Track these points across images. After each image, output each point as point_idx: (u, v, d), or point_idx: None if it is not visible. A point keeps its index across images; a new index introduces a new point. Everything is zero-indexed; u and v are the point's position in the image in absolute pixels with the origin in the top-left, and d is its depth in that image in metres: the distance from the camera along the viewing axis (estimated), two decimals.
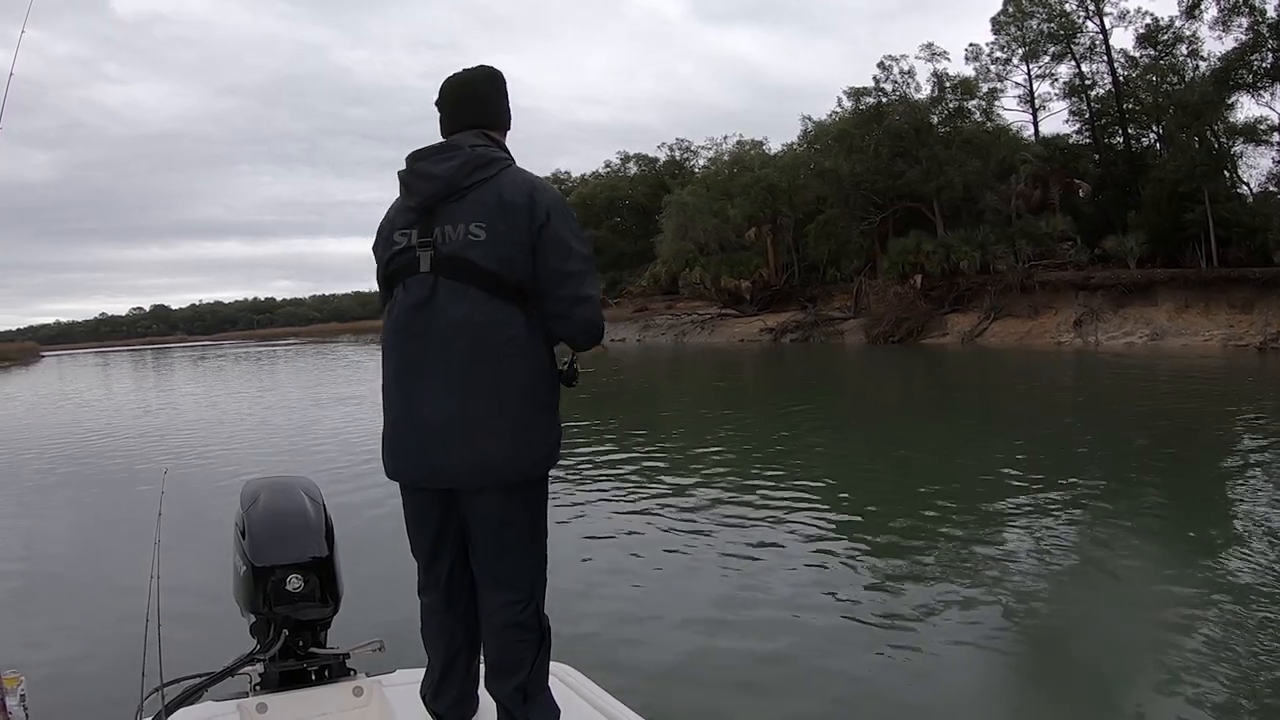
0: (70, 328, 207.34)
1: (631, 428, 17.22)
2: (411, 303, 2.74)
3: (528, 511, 2.78)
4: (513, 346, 2.68)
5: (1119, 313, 35.41)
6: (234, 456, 15.69)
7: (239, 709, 3.06)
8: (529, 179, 2.78)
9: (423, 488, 2.81)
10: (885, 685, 5.51)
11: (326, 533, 3.36)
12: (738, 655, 6.01)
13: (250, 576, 3.21)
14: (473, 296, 2.67)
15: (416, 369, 2.74)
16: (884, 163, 46.16)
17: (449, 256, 2.69)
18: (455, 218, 2.70)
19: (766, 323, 50.43)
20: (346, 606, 3.35)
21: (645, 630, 6.53)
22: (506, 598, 2.75)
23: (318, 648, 3.26)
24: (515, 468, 2.69)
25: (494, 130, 2.90)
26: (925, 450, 13.57)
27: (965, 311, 40.98)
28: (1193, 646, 5.62)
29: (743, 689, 5.53)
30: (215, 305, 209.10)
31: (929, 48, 46.19)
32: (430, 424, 2.70)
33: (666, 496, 10.81)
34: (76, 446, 18.74)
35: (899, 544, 8.40)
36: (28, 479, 15.08)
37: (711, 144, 67.57)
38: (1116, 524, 8.75)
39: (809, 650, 6.02)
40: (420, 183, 2.77)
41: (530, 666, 2.74)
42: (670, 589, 7.52)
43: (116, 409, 24.59)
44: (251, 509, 3.35)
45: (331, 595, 3.28)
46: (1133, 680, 5.38)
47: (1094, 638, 6.05)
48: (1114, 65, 44.36)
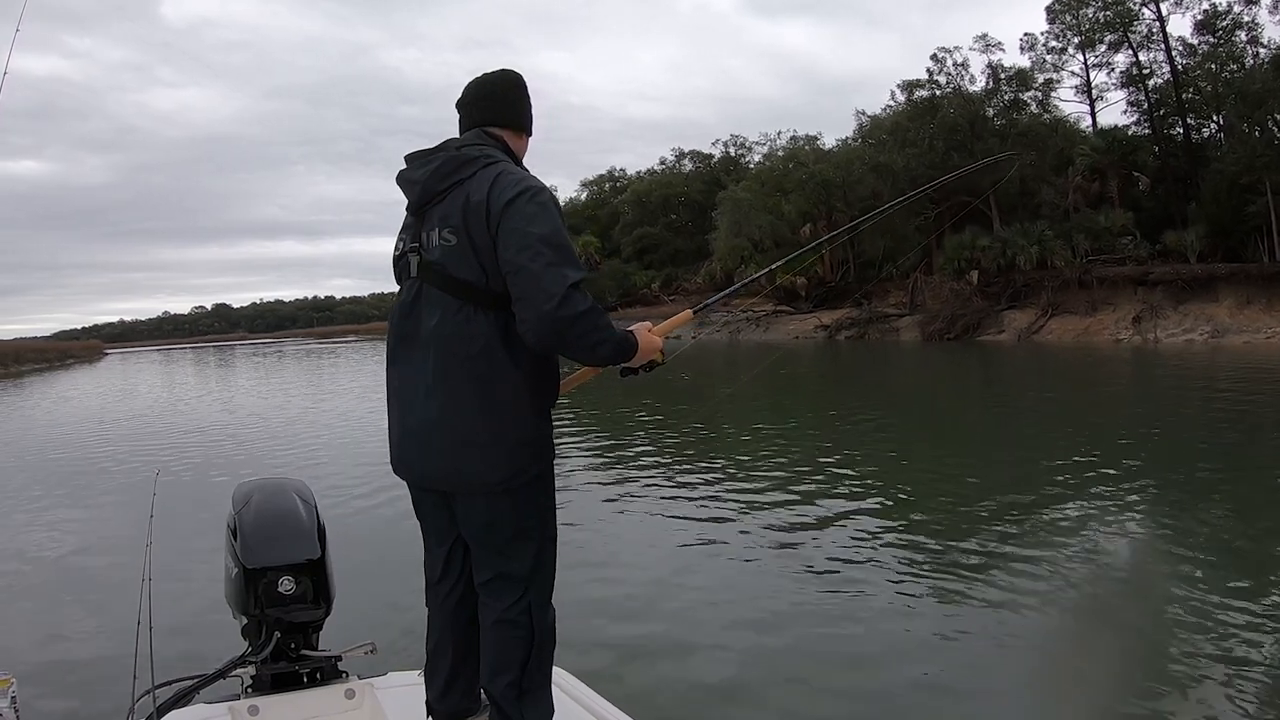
0: (134, 326, 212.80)
1: (680, 425, 16.68)
2: (404, 308, 2.75)
3: (515, 514, 2.70)
4: (484, 358, 2.58)
5: (1179, 309, 34.93)
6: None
7: (230, 711, 3.04)
8: (499, 172, 2.62)
9: (420, 486, 2.82)
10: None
11: (318, 534, 3.34)
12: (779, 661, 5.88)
13: (242, 578, 3.19)
14: (446, 305, 2.62)
15: (404, 373, 2.74)
16: (939, 157, 45.77)
17: (429, 263, 2.66)
18: (433, 223, 2.67)
19: (822, 320, 50.35)
20: (339, 608, 3.34)
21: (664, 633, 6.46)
22: (495, 595, 2.74)
23: (310, 650, 3.24)
24: (493, 476, 2.63)
25: (500, 129, 2.82)
26: (984, 453, 13.34)
27: (1022, 308, 40.62)
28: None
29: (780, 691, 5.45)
30: (276, 304, 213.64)
31: (983, 38, 46.04)
32: (413, 429, 2.71)
33: (713, 500, 10.67)
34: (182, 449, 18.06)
35: (956, 548, 8.07)
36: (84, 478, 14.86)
37: (765, 140, 67.61)
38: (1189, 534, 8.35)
39: (866, 656, 5.90)
40: (405, 188, 2.77)
41: (522, 665, 2.71)
42: (717, 587, 7.46)
43: (197, 410, 24.71)
44: (243, 510, 3.32)
45: (323, 597, 3.27)
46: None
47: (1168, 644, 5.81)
48: (1172, 53, 43.49)
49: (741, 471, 12.60)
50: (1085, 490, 10.24)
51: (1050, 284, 39.43)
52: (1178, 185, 41.43)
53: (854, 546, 8.41)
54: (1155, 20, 43.86)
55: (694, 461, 13.54)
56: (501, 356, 2.60)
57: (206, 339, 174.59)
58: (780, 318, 54.27)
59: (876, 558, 8.13)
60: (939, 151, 45.89)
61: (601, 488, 11.87)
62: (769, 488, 11.21)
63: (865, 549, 8.34)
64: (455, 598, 2.86)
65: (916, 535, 8.81)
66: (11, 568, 9.07)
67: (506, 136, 2.82)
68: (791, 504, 10.29)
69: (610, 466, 13.61)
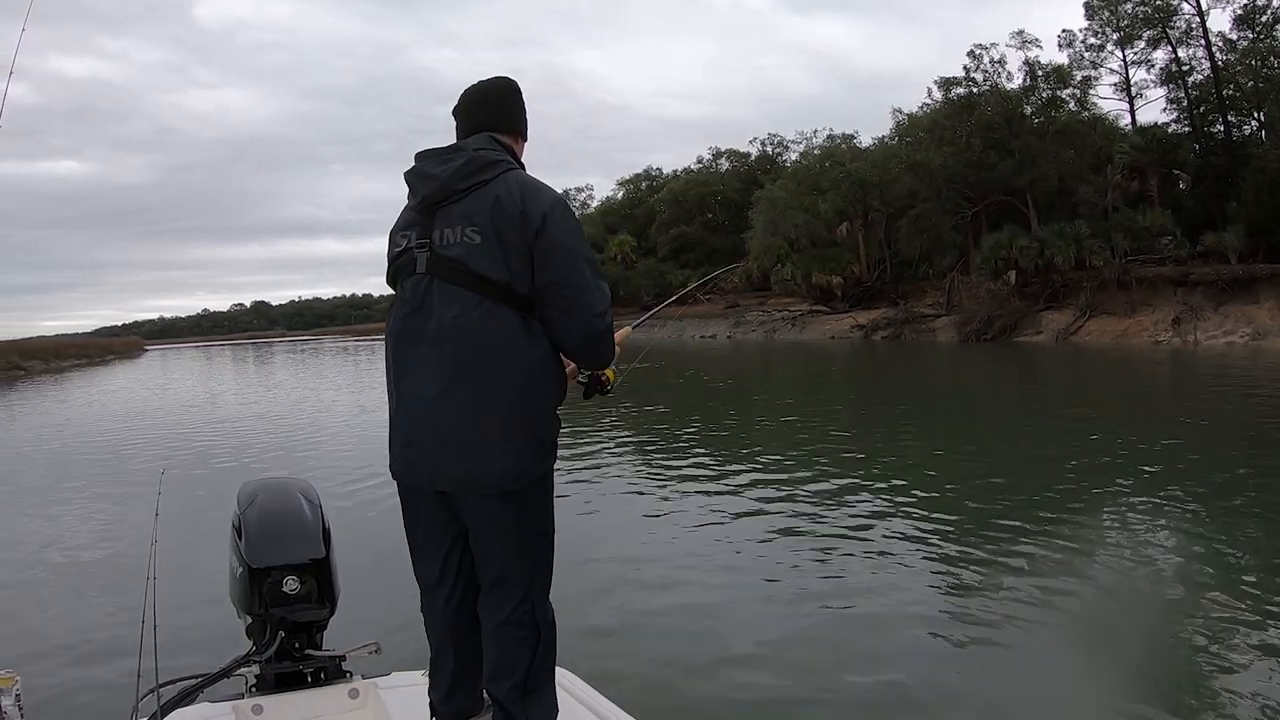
0: (174, 323, 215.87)
1: (712, 425, 16.65)
2: (408, 304, 2.75)
3: (521, 515, 2.74)
4: (503, 353, 2.64)
5: (1219, 311, 34.40)
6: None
7: (234, 710, 3.04)
8: (524, 181, 2.74)
9: (419, 489, 2.81)
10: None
11: (323, 534, 3.35)
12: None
13: (246, 578, 3.20)
14: (465, 300, 2.65)
15: (409, 372, 2.74)
16: (976, 155, 45.64)
17: (445, 259, 2.68)
18: (452, 221, 2.70)
19: (857, 320, 50.19)
20: (343, 608, 3.36)
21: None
22: (500, 598, 2.75)
23: (314, 649, 3.25)
24: (503, 477, 2.66)
25: (503, 134, 2.88)
26: (1019, 454, 13.08)
27: (1060, 309, 40.17)
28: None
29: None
30: (314, 301, 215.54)
31: (1020, 35, 45.49)
32: (419, 429, 2.71)
33: (737, 501, 10.56)
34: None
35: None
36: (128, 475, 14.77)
37: (802, 138, 67.48)
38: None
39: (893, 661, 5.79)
40: (420, 183, 2.79)
41: (527, 666, 2.73)
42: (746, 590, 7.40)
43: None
44: (248, 510, 3.33)
45: (328, 597, 3.28)
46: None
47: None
48: (1211, 49, 42.78)
49: (752, 468, 12.59)
50: (1124, 495, 10.11)
51: (1089, 284, 38.93)
52: (1218, 184, 40.68)
53: (860, 547, 8.38)
54: (1194, 15, 43.21)
55: (693, 459, 13.59)
56: (523, 352, 2.68)
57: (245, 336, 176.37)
58: (816, 317, 54.26)
59: (889, 549, 8.21)
60: (976, 150, 45.63)
61: (603, 481, 12.00)
62: (777, 483, 11.29)
63: (875, 547, 8.34)
64: (455, 602, 2.86)
65: (938, 530, 8.78)
66: (17, 566, 9.10)
67: (511, 141, 2.91)
68: (801, 500, 10.34)
69: (612, 463, 13.68)
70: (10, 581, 8.53)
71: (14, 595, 8.05)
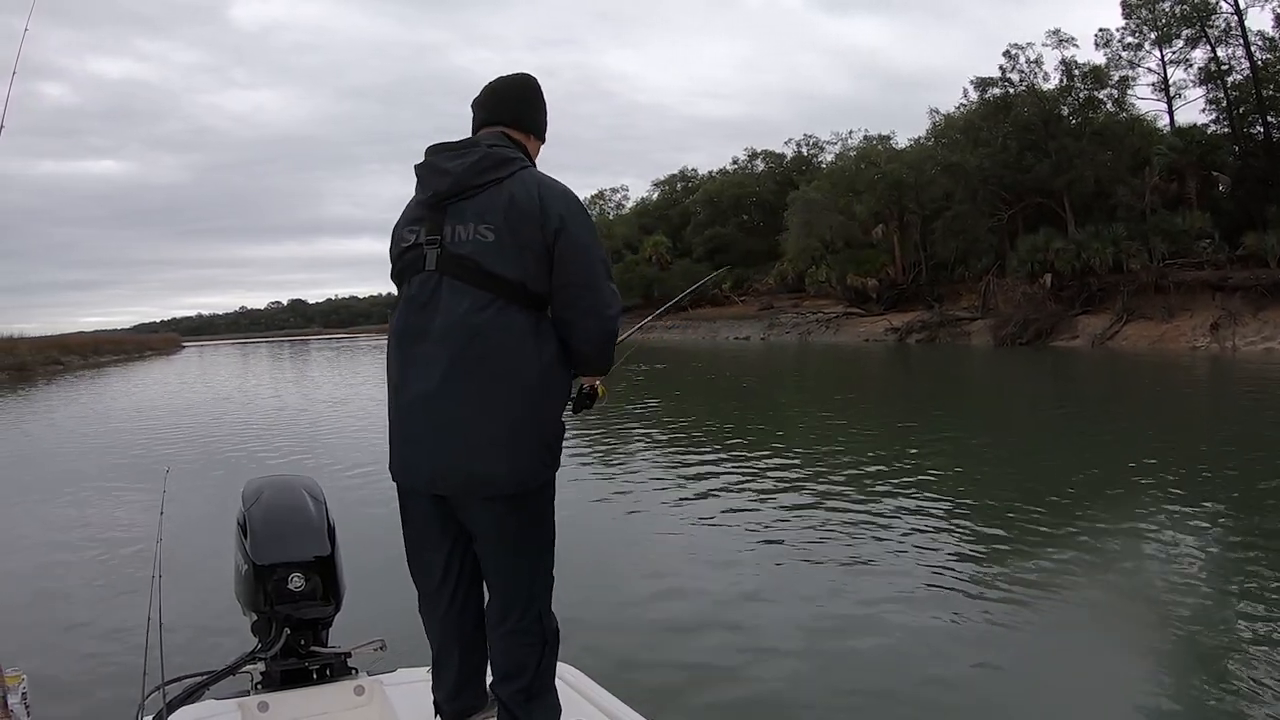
0: (211, 320, 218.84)
1: (730, 425, 16.42)
2: (414, 302, 2.70)
3: (525, 519, 2.71)
4: (513, 353, 2.61)
5: (1258, 316, 33.83)
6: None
7: (240, 707, 3.05)
8: (540, 179, 2.71)
9: (416, 491, 2.78)
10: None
11: (328, 531, 3.37)
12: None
13: (252, 575, 3.21)
14: (475, 298, 2.60)
15: (412, 371, 2.68)
16: (1012, 156, 45.24)
17: (455, 256, 2.63)
18: (465, 217, 2.65)
19: (892, 322, 49.95)
20: (348, 605, 3.37)
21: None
22: (506, 604, 2.74)
23: (319, 646, 3.26)
24: (509, 480, 2.63)
25: (516, 131, 2.85)
26: (1053, 459, 12.91)
27: (1096, 313, 39.70)
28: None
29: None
30: (350, 300, 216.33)
31: (1056, 34, 44.95)
32: (419, 427, 2.67)
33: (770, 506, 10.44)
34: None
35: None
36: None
37: (837, 139, 67.22)
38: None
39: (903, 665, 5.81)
40: (431, 177, 2.73)
41: (534, 670, 2.73)
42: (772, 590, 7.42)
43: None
44: (253, 507, 3.34)
45: (333, 594, 3.30)
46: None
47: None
48: (1251, 49, 42.04)
49: (770, 468, 12.66)
50: (1159, 501, 10.05)
51: (1126, 288, 38.42)
52: (1258, 186, 40.14)
53: (878, 549, 8.42)
54: (1233, 14, 42.49)
55: (696, 457, 13.70)
56: (533, 353, 2.64)
57: (282, 333, 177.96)
58: (851, 320, 54.05)
59: (905, 549, 8.27)
60: (1012, 151, 45.21)
61: (604, 482, 12.08)
62: (795, 483, 11.36)
63: (893, 548, 8.40)
64: (459, 603, 2.84)
65: (968, 537, 8.73)
66: (23, 563, 9.18)
67: (524, 140, 2.87)
68: (821, 501, 10.39)
69: (617, 460, 13.85)
70: (16, 579, 8.57)
71: (20, 593, 8.10)
